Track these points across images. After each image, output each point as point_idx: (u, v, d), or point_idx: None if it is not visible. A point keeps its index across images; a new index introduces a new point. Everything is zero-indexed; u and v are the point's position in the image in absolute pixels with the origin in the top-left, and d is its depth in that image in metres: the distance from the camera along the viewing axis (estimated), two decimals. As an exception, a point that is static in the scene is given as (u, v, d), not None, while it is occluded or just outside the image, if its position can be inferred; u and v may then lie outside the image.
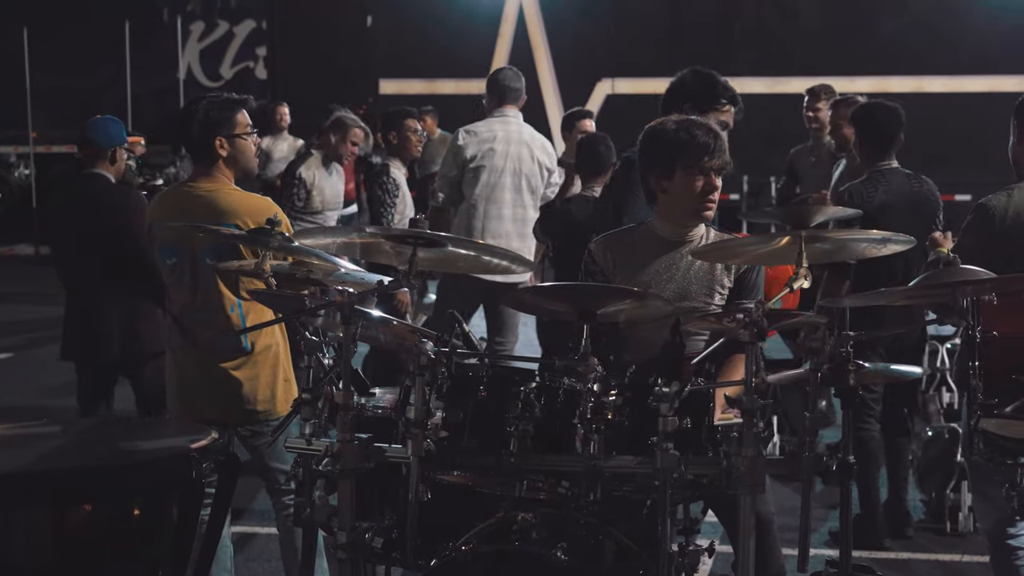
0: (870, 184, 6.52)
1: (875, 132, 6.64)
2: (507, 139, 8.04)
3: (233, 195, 5.24)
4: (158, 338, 6.58)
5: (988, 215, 4.86)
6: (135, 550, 3.74)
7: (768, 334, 4.35)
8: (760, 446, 3.63)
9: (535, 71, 20.65)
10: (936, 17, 19.12)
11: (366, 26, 21.29)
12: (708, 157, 4.39)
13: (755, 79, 19.53)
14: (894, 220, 6.27)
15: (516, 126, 8.12)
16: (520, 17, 20.65)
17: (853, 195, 6.47)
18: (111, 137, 6.82)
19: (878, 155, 6.60)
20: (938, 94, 17.69)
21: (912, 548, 6.61)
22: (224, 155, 5.25)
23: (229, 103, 5.29)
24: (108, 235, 6.67)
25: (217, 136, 5.21)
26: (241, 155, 5.28)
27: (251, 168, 5.41)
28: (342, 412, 3.79)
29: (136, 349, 6.77)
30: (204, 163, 5.33)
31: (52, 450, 4.01)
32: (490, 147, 7.99)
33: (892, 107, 6.69)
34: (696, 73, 5.60)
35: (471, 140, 8.01)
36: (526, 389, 3.79)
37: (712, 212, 4.50)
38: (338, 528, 3.85)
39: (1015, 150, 5.05)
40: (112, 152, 6.81)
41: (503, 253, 4.14)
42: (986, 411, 3.91)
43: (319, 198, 8.67)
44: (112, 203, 6.73)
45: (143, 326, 6.72)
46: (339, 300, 3.81)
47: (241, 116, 5.25)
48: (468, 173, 7.99)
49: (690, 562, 3.83)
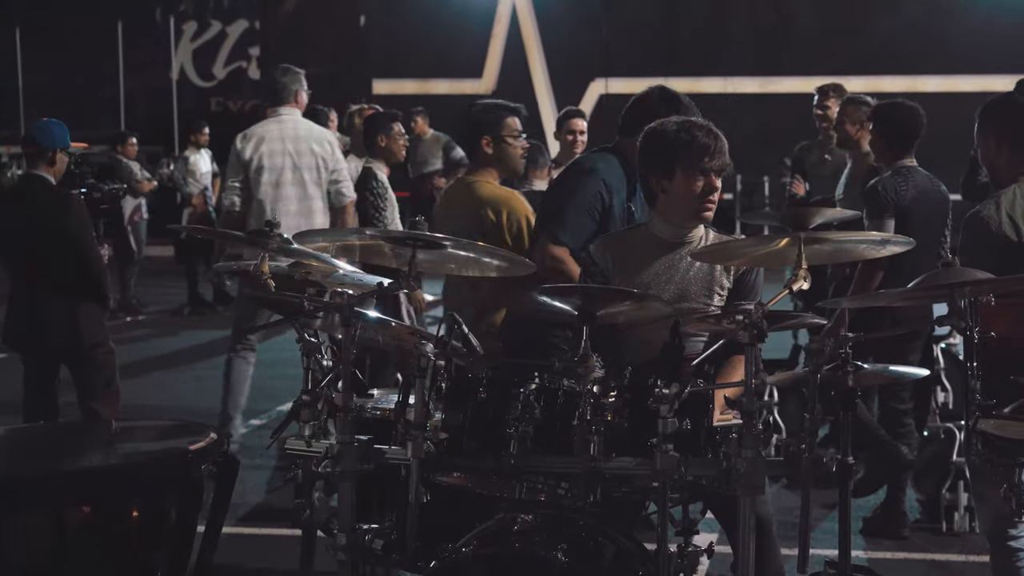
0: (900, 179, 6.54)
1: (899, 130, 6.67)
2: (282, 137, 8.10)
3: (484, 187, 5.95)
4: (97, 332, 6.88)
5: (983, 224, 4.83)
6: (134, 552, 3.75)
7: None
8: (759, 447, 3.64)
9: (528, 71, 20.70)
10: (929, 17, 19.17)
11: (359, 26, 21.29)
12: (708, 158, 4.40)
13: (748, 79, 19.57)
14: (923, 217, 6.30)
15: (291, 124, 8.17)
16: (513, 17, 20.67)
17: (887, 188, 6.48)
18: (54, 139, 6.90)
19: (900, 153, 6.63)
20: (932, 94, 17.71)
21: (908, 548, 6.61)
22: (489, 153, 5.96)
23: (498, 108, 6.08)
24: (46, 235, 6.80)
25: (484, 136, 5.95)
26: (505, 156, 5.98)
27: (515, 169, 6.17)
28: (342, 414, 3.79)
29: (75, 342, 6.88)
30: (472, 160, 6.16)
31: (50, 452, 4.02)
32: (268, 148, 8.05)
33: (914, 106, 6.75)
34: (662, 92, 5.48)
35: (248, 144, 8.09)
36: (526, 391, 3.79)
37: (712, 213, 4.50)
38: (338, 530, 3.85)
39: (993, 159, 5.00)
40: (52, 154, 6.88)
41: (502, 254, 4.14)
42: (984, 412, 3.92)
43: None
44: (50, 205, 6.83)
45: (83, 320, 6.84)
46: (338, 302, 3.81)
47: (511, 121, 5.99)
48: (252, 175, 8.03)
49: (689, 563, 3.83)
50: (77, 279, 6.81)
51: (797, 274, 3.73)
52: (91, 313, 6.89)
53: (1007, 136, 4.93)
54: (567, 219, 5.32)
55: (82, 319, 6.85)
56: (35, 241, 6.86)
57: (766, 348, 3.80)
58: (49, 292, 6.84)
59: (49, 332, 6.90)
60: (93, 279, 6.84)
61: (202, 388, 11.01)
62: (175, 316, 14.73)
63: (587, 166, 5.50)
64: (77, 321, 6.84)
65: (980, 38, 18.41)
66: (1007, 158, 4.93)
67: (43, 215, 6.81)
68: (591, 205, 5.33)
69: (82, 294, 6.82)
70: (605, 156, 5.51)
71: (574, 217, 5.31)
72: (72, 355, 6.95)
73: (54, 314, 6.84)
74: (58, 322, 6.85)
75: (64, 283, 6.81)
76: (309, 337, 4.18)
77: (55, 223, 6.76)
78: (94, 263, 6.83)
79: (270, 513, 7.13)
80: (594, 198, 5.33)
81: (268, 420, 9.54)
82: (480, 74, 20.72)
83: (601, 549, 3.88)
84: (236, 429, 7.97)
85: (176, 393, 10.45)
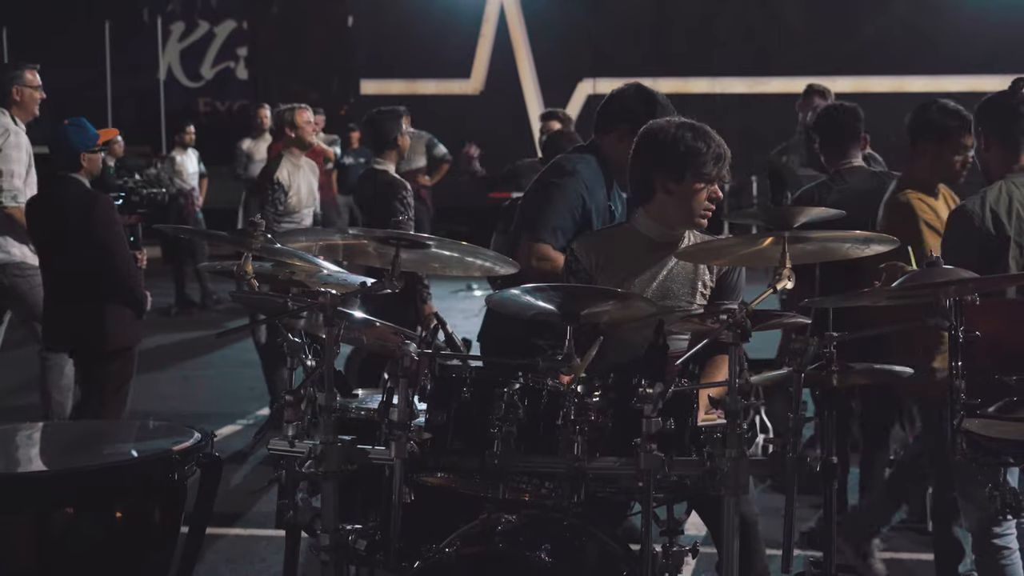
0: (829, 184, 6.55)
1: (834, 134, 6.66)
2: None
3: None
4: (119, 336, 6.85)
5: (967, 218, 4.86)
6: (118, 553, 3.73)
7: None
8: (744, 447, 3.63)
9: (516, 71, 20.69)
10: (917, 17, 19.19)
11: (347, 27, 21.29)
12: (721, 168, 4.43)
13: (736, 79, 19.60)
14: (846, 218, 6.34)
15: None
16: (501, 18, 20.66)
17: (812, 195, 6.49)
18: (76, 142, 6.90)
19: (840, 156, 6.62)
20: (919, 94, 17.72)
21: (893, 547, 6.61)
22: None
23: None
24: (73, 236, 6.81)
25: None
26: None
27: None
28: (325, 414, 3.78)
29: (94, 344, 6.88)
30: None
31: (33, 453, 4.01)
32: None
33: (849, 107, 6.73)
34: (639, 90, 5.50)
35: None
36: (509, 391, 3.78)
37: (707, 220, 4.52)
38: (321, 530, 3.84)
39: (983, 156, 5.05)
40: (78, 157, 6.88)
41: (486, 254, 4.13)
42: (969, 411, 3.92)
43: (295, 198, 8.82)
44: (77, 206, 6.84)
45: (105, 323, 6.84)
46: (321, 301, 3.80)
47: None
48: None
49: (674, 563, 3.83)
50: (103, 281, 6.80)
51: (781, 273, 3.74)
52: (114, 316, 6.84)
53: (997, 134, 4.97)
54: (550, 219, 5.31)
55: (105, 321, 6.82)
56: (62, 242, 6.89)
57: (754, 347, 3.80)
58: (75, 293, 6.85)
59: (72, 332, 6.93)
60: (119, 281, 6.82)
61: (189, 388, 11.01)
62: (163, 316, 14.71)
63: (568, 167, 5.48)
64: (98, 323, 6.82)
65: (968, 39, 18.44)
66: (997, 156, 4.98)
67: (70, 216, 6.83)
68: (573, 205, 5.32)
69: (107, 296, 6.81)
70: (584, 157, 5.51)
71: (557, 218, 5.30)
72: (89, 355, 6.95)
73: (78, 315, 6.84)
74: (80, 323, 6.85)
75: (90, 285, 6.81)
76: (293, 337, 4.17)
77: (81, 224, 6.75)
78: (120, 265, 6.81)
79: (253, 514, 7.11)
80: (576, 199, 5.33)
81: (253, 421, 9.54)
82: (468, 74, 20.72)
83: (585, 549, 3.88)
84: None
85: (163, 393, 10.44)
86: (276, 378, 8.89)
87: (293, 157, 8.94)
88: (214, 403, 10.24)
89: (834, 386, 4.11)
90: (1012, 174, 4.90)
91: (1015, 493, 3.93)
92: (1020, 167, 4.92)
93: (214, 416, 9.27)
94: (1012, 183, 4.87)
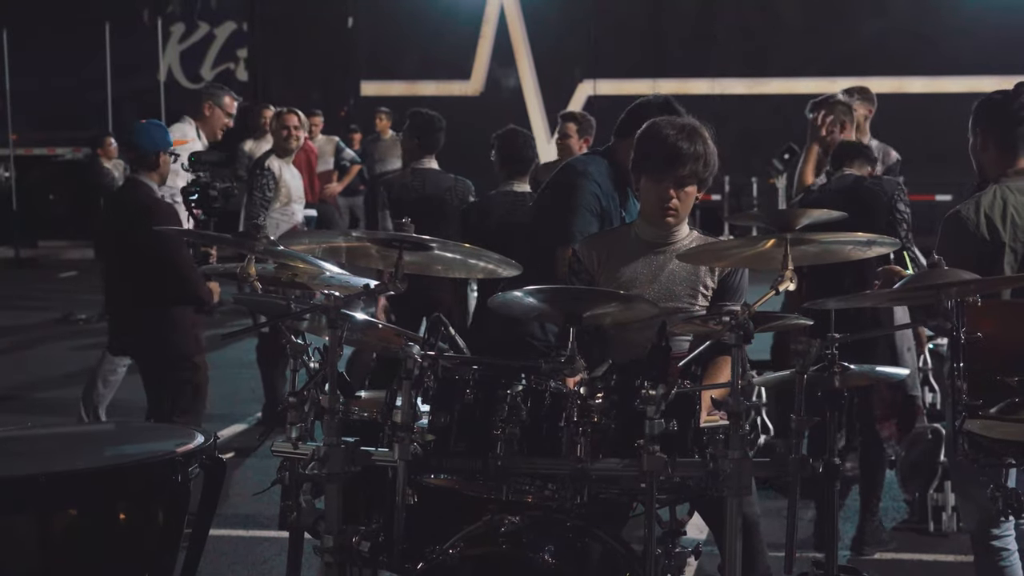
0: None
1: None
2: None
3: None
4: (183, 345, 6.88)
5: (961, 224, 4.84)
6: (121, 554, 3.73)
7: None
8: (746, 448, 3.64)
9: (516, 73, 20.67)
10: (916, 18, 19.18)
11: (347, 28, 21.28)
12: (668, 167, 4.40)
13: (736, 80, 19.58)
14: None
15: None
16: (501, 19, 20.64)
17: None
18: (155, 142, 6.93)
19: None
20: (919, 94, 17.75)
21: (896, 548, 6.62)
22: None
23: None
24: (138, 242, 6.81)
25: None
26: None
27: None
28: (328, 415, 3.79)
29: (158, 353, 6.91)
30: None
31: (37, 454, 4.01)
32: None
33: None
34: (666, 102, 5.51)
35: None
36: (512, 392, 3.78)
37: (673, 219, 4.50)
38: (325, 532, 3.84)
39: (979, 155, 5.04)
40: (155, 157, 6.89)
41: (489, 256, 4.13)
42: (970, 412, 3.92)
43: (284, 190, 8.93)
44: (136, 210, 6.87)
45: (163, 331, 6.87)
46: (325, 303, 3.80)
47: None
48: None
49: (676, 564, 3.84)
50: (163, 287, 6.83)
51: (783, 275, 3.74)
52: (173, 323, 6.88)
53: (994, 135, 4.95)
54: (574, 222, 5.35)
55: (163, 329, 6.87)
56: (122, 246, 6.95)
57: (756, 349, 3.80)
58: (133, 298, 6.90)
59: (131, 338, 7.00)
60: (179, 286, 6.84)
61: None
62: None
63: (580, 168, 5.56)
64: (157, 331, 6.86)
65: (967, 39, 18.43)
66: (993, 157, 4.96)
67: (130, 221, 6.85)
68: (591, 204, 5.38)
69: (167, 302, 6.85)
70: (595, 159, 5.56)
71: (579, 219, 5.35)
72: (147, 366, 7.00)
73: (137, 322, 6.91)
74: (139, 329, 6.91)
75: (149, 290, 6.84)
76: (296, 339, 4.17)
77: (140, 228, 6.71)
78: (181, 269, 6.83)
79: (257, 516, 7.11)
80: (592, 198, 5.39)
81: (255, 422, 9.54)
82: (468, 76, 20.70)
83: (588, 550, 3.88)
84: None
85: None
86: (271, 378, 8.95)
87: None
88: (216, 404, 10.22)
89: (836, 387, 4.11)
90: (1007, 178, 4.87)
91: (1016, 494, 3.94)
92: (1015, 171, 4.89)
93: (216, 417, 9.26)
94: (1007, 187, 4.84)
